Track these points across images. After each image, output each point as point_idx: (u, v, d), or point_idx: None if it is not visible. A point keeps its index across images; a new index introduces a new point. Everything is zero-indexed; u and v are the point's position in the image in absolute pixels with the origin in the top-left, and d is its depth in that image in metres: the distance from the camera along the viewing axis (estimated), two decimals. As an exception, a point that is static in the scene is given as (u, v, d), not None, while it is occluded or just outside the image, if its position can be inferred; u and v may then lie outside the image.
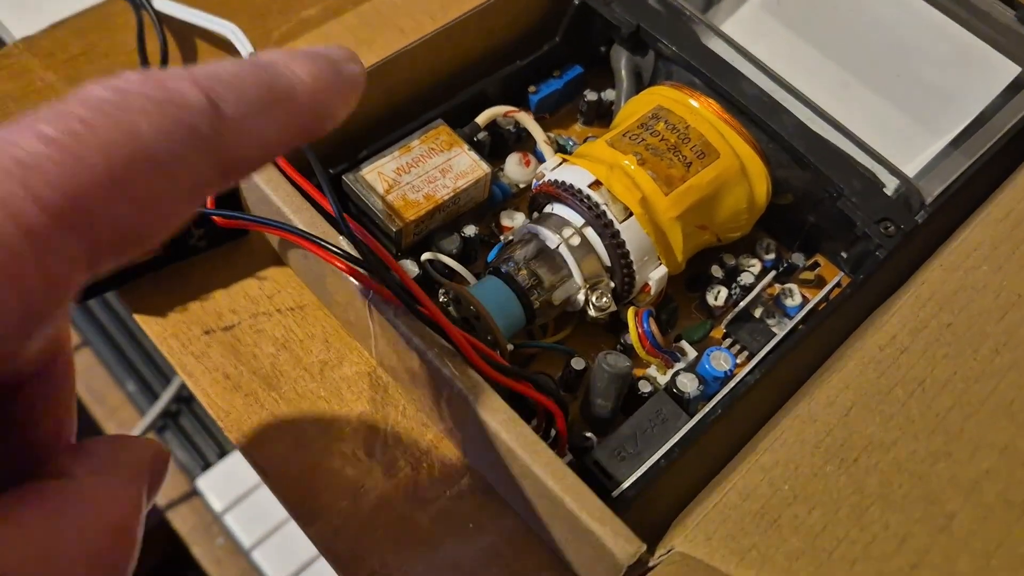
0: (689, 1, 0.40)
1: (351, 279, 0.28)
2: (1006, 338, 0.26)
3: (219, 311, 0.34)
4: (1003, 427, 0.24)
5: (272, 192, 0.29)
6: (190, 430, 0.69)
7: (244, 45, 0.35)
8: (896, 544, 0.22)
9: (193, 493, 0.71)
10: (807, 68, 0.39)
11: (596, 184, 0.31)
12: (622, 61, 0.37)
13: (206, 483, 0.66)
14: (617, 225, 0.30)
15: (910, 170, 0.36)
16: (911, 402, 0.26)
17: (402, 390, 0.33)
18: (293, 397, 0.32)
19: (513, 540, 0.30)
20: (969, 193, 0.35)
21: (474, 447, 0.29)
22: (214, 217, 0.31)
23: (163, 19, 0.40)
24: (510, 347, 0.30)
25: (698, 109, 0.33)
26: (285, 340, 0.34)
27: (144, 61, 0.38)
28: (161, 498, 0.74)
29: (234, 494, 0.65)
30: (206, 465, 0.67)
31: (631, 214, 0.31)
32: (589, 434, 0.30)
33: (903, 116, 0.38)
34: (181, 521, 0.73)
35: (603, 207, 0.31)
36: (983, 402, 0.25)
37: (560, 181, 0.31)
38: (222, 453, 0.67)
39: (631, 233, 0.31)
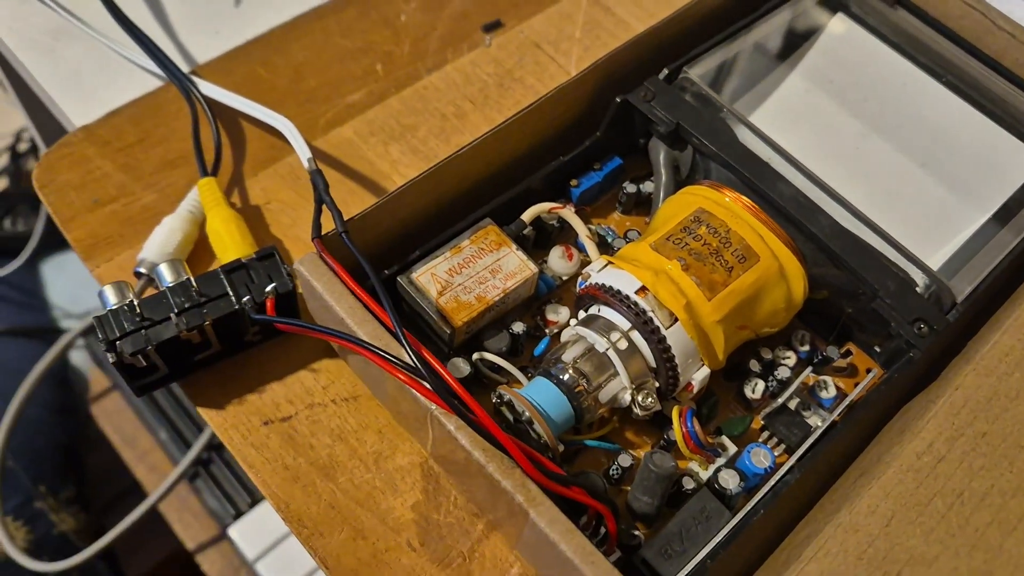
0: (727, 86, 0.41)
1: (412, 390, 0.29)
2: (1040, 452, 0.28)
3: (276, 402, 0.35)
4: (1040, 548, 0.25)
5: (335, 303, 0.30)
6: (221, 478, 0.70)
7: (300, 144, 0.37)
8: (942, 667, 0.23)
9: (222, 538, 0.73)
10: (843, 141, 0.41)
11: (643, 290, 0.32)
12: (660, 155, 0.39)
13: (238, 531, 0.67)
14: (663, 331, 0.32)
15: (938, 260, 0.37)
16: (951, 515, 0.27)
17: (454, 481, 0.34)
18: (350, 488, 0.34)
19: (564, 633, 0.32)
20: (997, 286, 0.36)
21: (527, 545, 0.31)
22: (277, 325, 0.32)
23: (215, 107, 0.41)
24: (561, 447, 0.32)
25: (737, 211, 0.34)
26: (340, 431, 0.35)
27: (198, 149, 0.40)
28: (190, 541, 0.75)
29: (265, 543, 0.66)
30: (238, 513, 0.68)
31: (676, 320, 0.32)
32: (637, 531, 0.32)
33: (930, 204, 0.39)
34: (209, 564, 0.75)
35: (650, 313, 0.32)
36: (1021, 519, 0.26)
37: (607, 286, 0.33)
38: (253, 502, 0.69)
39: (676, 337, 0.32)
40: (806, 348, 0.37)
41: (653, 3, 0.49)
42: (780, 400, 0.35)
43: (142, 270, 0.36)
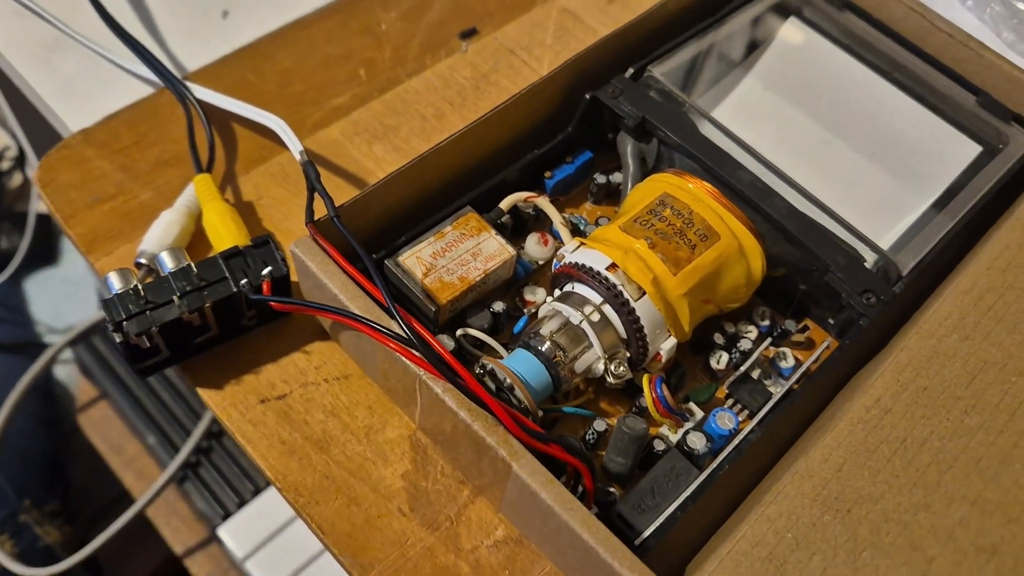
0: (690, 85, 0.44)
1: (402, 358, 0.32)
2: (974, 401, 0.31)
3: (271, 382, 0.38)
4: (973, 482, 0.28)
5: (329, 281, 0.33)
6: (209, 480, 0.72)
7: (292, 139, 0.39)
8: (886, 586, 0.26)
9: (211, 541, 0.74)
10: (797, 135, 0.44)
11: (613, 267, 0.35)
12: (628, 148, 0.41)
13: (227, 531, 0.69)
14: (632, 303, 0.34)
15: (886, 242, 0.40)
16: (895, 458, 0.30)
17: (440, 451, 0.36)
18: (343, 459, 0.36)
19: (546, 586, 0.34)
20: (940, 263, 0.39)
21: (510, 503, 0.33)
22: (273, 304, 0.35)
23: (208, 110, 0.43)
24: (540, 413, 0.34)
25: (699, 195, 0.37)
26: (333, 407, 0.37)
27: (194, 149, 0.42)
28: (179, 546, 0.77)
29: (254, 542, 0.68)
30: (226, 515, 0.70)
31: (644, 293, 0.35)
32: (612, 490, 0.34)
33: (878, 192, 0.43)
34: (198, 567, 0.76)
35: (619, 287, 0.35)
36: (956, 459, 0.29)
37: (580, 263, 0.36)
38: (241, 502, 0.70)
39: (645, 309, 0.35)
40: (766, 323, 0.39)
41: (619, 10, 0.52)
42: (743, 369, 0.37)
43: (143, 261, 0.39)
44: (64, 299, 0.98)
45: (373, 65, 0.47)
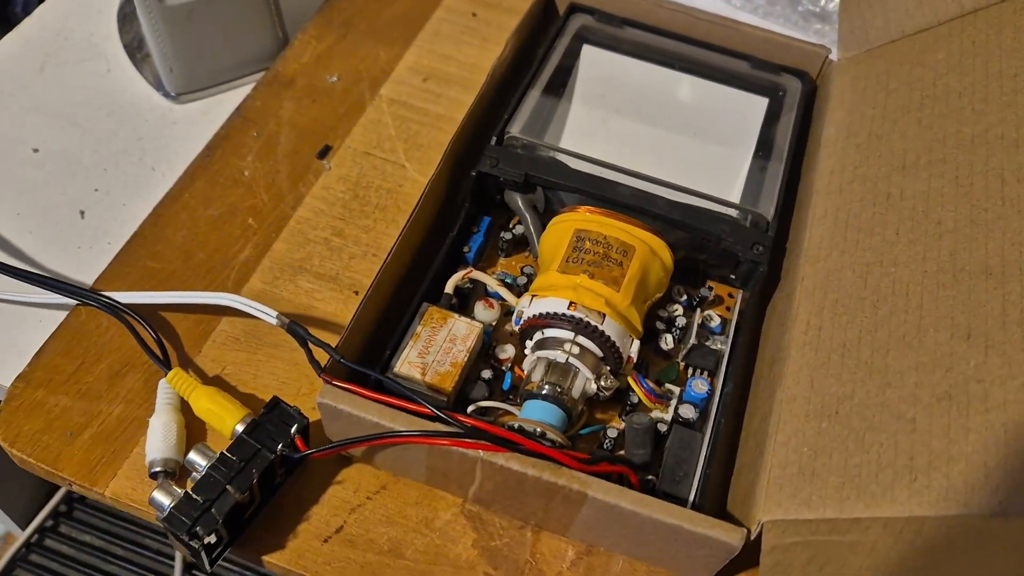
0: (541, 131, 0.51)
1: (459, 449, 0.37)
2: (875, 295, 0.40)
3: (324, 520, 0.41)
4: (907, 354, 0.37)
5: (366, 414, 0.37)
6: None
7: (254, 306, 0.42)
8: (892, 452, 0.34)
9: None
10: (632, 138, 0.52)
11: (572, 304, 0.41)
12: (519, 201, 0.48)
13: None
14: (599, 327, 0.41)
15: (735, 196, 0.49)
16: (846, 360, 0.38)
17: (495, 510, 0.41)
18: (419, 556, 0.40)
19: (632, 575, 0.40)
20: (789, 199, 0.49)
21: (583, 523, 0.39)
22: (316, 455, 0.38)
23: (141, 311, 0.45)
24: (570, 443, 0.40)
25: (601, 220, 0.44)
26: (387, 517, 0.41)
27: (149, 352, 0.44)
28: None
29: None
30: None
31: (604, 315, 0.41)
32: (649, 477, 0.41)
33: (711, 161, 0.52)
34: None
35: (584, 318, 0.41)
36: (887, 342, 0.38)
37: (543, 312, 0.42)
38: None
39: (609, 327, 0.41)
40: (684, 298, 0.47)
41: (436, 86, 0.58)
42: (692, 342, 0.45)
43: (157, 469, 0.40)
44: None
45: (257, 211, 0.51)
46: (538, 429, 0.39)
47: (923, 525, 0.31)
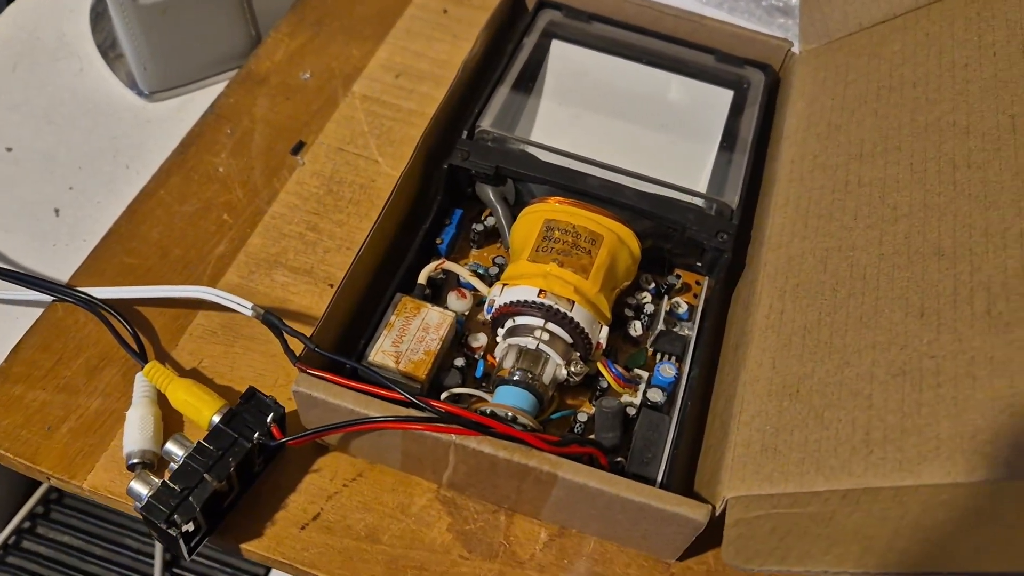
0: (511, 125, 0.52)
1: (432, 434, 0.37)
2: (834, 279, 0.41)
3: (302, 508, 0.42)
4: (864, 333, 0.38)
5: (341, 401, 0.38)
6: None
7: (229, 297, 0.43)
8: (850, 428, 0.35)
9: None
10: (602, 132, 0.53)
11: (542, 292, 0.42)
12: (489, 193, 0.49)
13: None
14: (569, 314, 0.42)
15: (707, 189, 0.51)
16: (806, 341, 0.40)
17: (469, 495, 0.42)
18: (395, 540, 0.41)
19: (603, 556, 0.41)
20: (753, 188, 0.50)
21: (555, 505, 0.40)
22: (292, 442, 0.39)
23: (117, 305, 0.46)
24: (541, 427, 0.41)
25: (571, 210, 0.46)
26: (364, 504, 0.42)
27: (126, 346, 0.44)
28: None
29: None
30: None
31: (574, 302, 0.42)
32: (619, 459, 0.42)
33: (678, 153, 0.53)
34: None
35: (554, 306, 0.42)
36: (845, 323, 0.39)
37: (514, 301, 0.43)
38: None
39: (579, 314, 0.42)
40: (652, 286, 0.49)
41: (408, 82, 0.59)
42: (659, 328, 0.46)
43: (135, 461, 0.41)
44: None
45: (232, 207, 0.51)
46: (510, 414, 0.40)
47: (878, 495, 0.32)
